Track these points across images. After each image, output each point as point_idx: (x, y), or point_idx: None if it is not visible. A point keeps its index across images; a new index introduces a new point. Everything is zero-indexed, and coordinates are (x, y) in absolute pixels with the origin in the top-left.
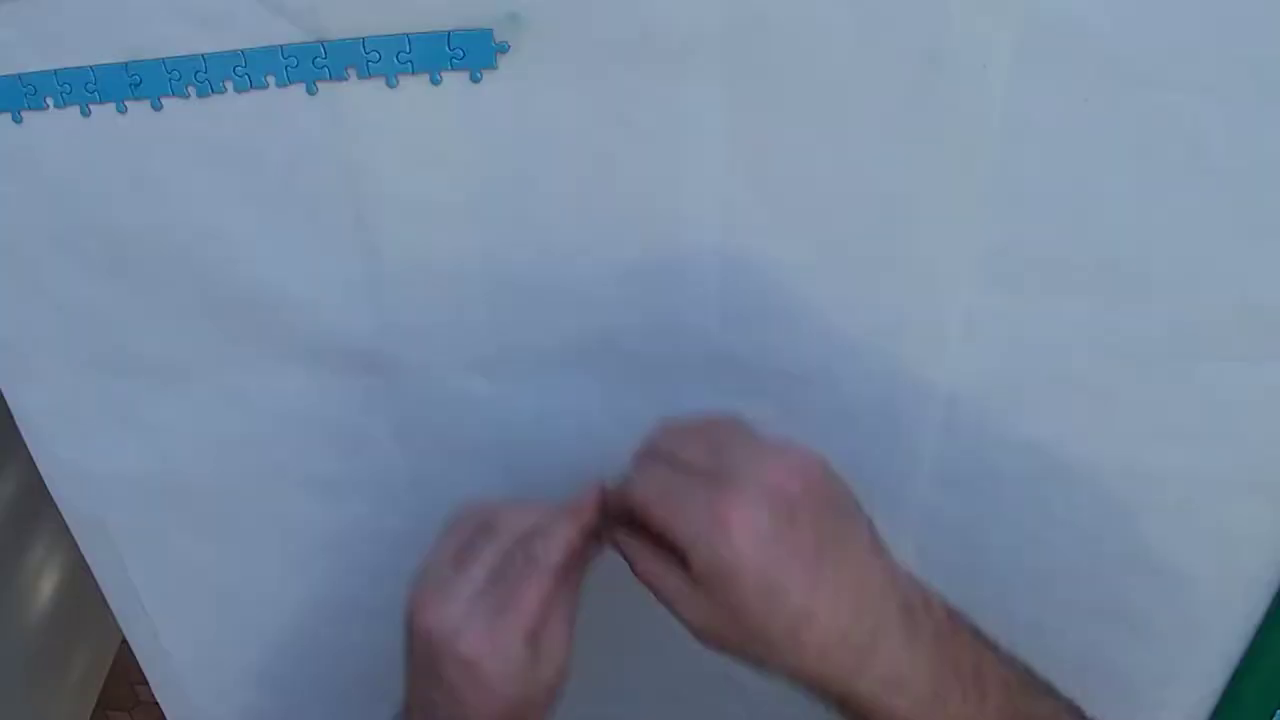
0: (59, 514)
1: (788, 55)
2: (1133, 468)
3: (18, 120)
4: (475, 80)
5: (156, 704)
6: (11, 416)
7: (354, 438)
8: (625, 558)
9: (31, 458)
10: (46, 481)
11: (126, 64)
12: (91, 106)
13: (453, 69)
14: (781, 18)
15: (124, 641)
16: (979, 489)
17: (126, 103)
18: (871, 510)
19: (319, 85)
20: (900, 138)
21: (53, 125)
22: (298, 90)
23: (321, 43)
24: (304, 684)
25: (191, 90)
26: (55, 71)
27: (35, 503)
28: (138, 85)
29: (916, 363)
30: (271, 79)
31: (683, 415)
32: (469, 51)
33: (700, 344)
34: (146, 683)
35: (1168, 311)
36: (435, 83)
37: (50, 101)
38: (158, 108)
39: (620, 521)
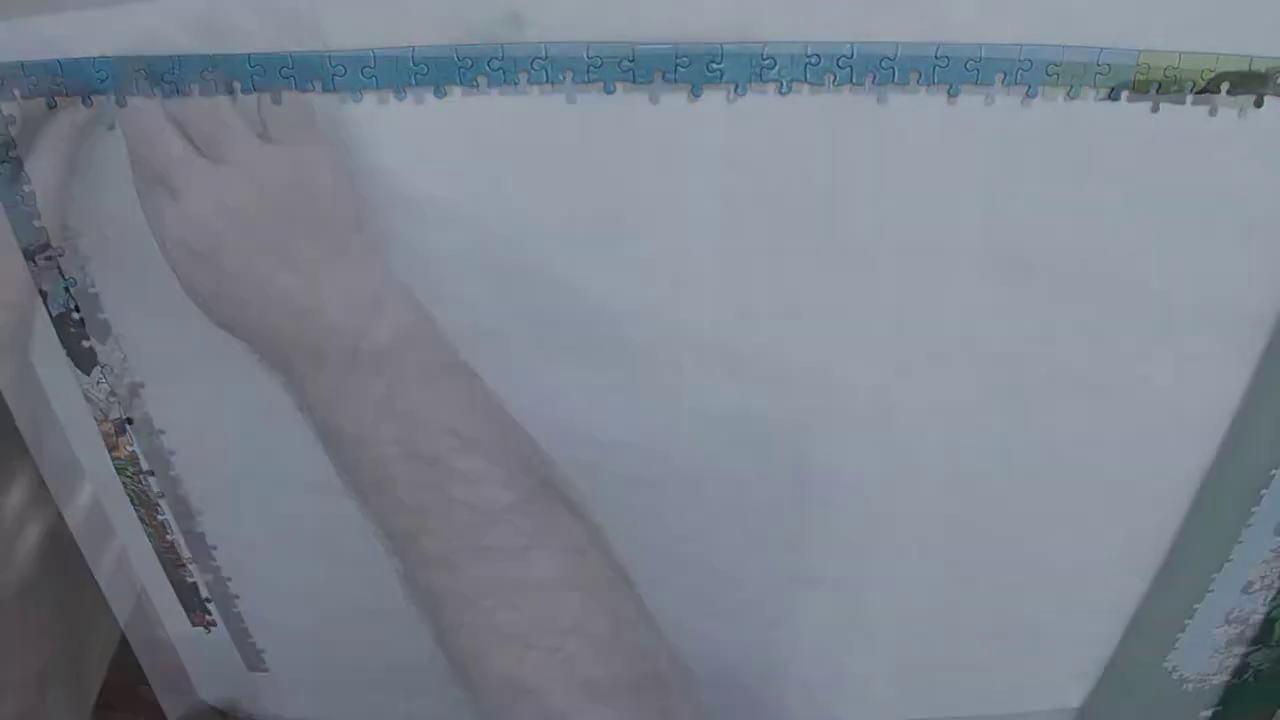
0: (59, 513)
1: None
2: (1133, 468)
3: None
4: None
5: (157, 704)
6: (11, 416)
7: None
8: None
9: (32, 457)
10: (47, 481)
11: (127, 57)
12: (93, 98)
13: None
14: (778, 20)
15: (124, 641)
16: (979, 489)
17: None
18: (872, 510)
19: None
20: (899, 138)
21: (50, 120)
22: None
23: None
24: (304, 684)
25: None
26: (51, 62)
27: (35, 503)
28: (137, 77)
29: (916, 362)
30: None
31: None
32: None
33: (700, 344)
34: (147, 683)
35: (1167, 311)
36: None
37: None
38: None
39: None
